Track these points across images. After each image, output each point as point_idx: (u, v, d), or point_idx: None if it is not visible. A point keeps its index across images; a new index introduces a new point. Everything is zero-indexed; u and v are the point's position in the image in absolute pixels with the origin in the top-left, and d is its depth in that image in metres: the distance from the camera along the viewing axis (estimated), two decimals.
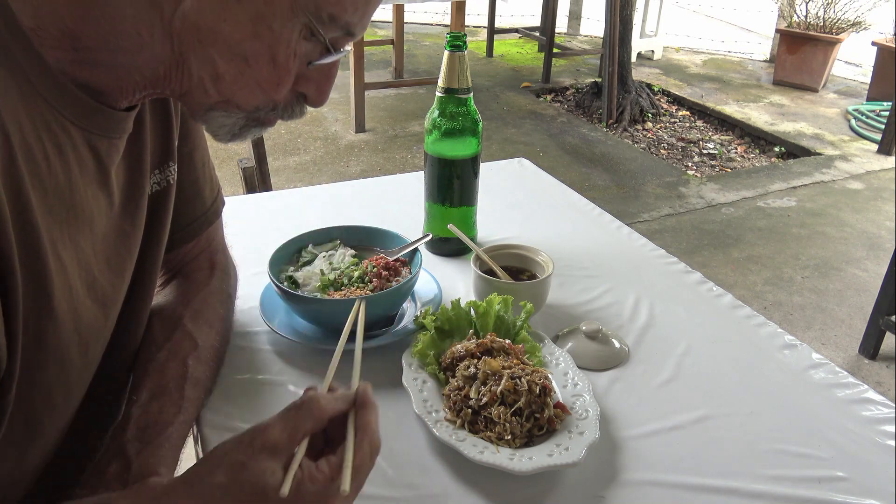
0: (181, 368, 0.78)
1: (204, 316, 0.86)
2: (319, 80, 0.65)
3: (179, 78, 0.60)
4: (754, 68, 6.26)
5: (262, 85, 0.62)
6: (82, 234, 0.62)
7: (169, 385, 0.75)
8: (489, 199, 1.30)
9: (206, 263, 0.93)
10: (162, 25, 0.56)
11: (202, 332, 0.84)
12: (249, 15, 0.57)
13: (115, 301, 0.71)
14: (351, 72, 4.19)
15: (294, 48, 0.60)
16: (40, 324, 0.57)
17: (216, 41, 0.58)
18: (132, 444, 0.67)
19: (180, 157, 0.83)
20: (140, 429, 0.69)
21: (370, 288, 0.94)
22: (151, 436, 0.69)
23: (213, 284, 0.91)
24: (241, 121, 0.65)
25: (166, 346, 0.80)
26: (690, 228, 3.42)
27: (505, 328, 0.92)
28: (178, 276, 0.91)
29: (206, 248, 0.94)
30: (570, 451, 0.74)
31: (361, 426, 0.58)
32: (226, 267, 0.96)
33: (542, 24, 6.27)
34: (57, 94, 0.57)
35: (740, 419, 0.85)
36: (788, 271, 3.07)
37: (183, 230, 0.88)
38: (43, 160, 0.55)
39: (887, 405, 0.87)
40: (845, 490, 0.75)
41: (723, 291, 1.11)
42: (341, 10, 0.60)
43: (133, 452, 0.66)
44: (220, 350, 0.87)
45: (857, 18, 5.42)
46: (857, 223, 3.52)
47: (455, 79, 1.06)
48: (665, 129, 4.79)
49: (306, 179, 3.78)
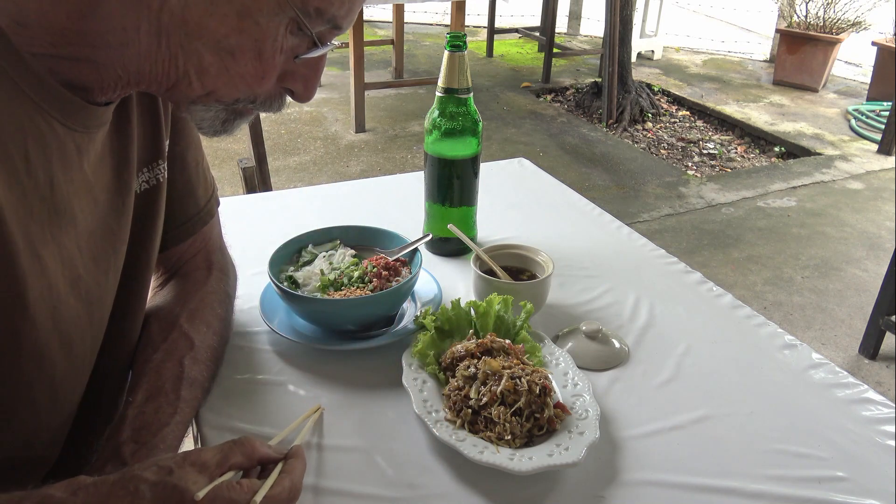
0: (177, 369, 0.78)
1: (201, 316, 0.86)
2: (306, 74, 0.66)
3: (165, 73, 0.60)
4: (754, 68, 6.26)
5: (247, 78, 0.62)
6: (66, 232, 0.62)
7: (165, 386, 0.75)
8: (489, 199, 1.30)
9: (203, 263, 0.93)
10: (149, 20, 0.56)
11: (199, 331, 0.84)
12: (236, 9, 0.57)
13: (101, 298, 0.70)
14: (351, 72, 4.19)
15: (280, 42, 0.60)
16: (14, 324, 0.57)
17: (202, 35, 0.58)
18: (128, 446, 0.67)
19: (172, 156, 0.83)
20: (135, 430, 0.69)
21: (370, 288, 0.94)
22: (147, 437, 0.69)
23: (211, 284, 0.91)
24: (222, 114, 0.66)
25: (162, 346, 0.80)
26: (690, 228, 3.42)
27: (505, 328, 0.92)
28: (176, 277, 0.91)
29: (203, 248, 0.93)
30: (570, 451, 0.74)
31: (288, 469, 0.65)
32: (223, 267, 0.96)
33: (542, 24, 6.27)
34: (41, 92, 0.57)
35: (740, 419, 0.85)
36: (788, 271, 3.07)
37: (177, 229, 0.88)
38: (22, 161, 0.55)
39: (887, 405, 0.87)
40: (845, 490, 0.75)
41: (723, 291, 1.11)
42: (328, 4, 0.60)
43: (128, 453, 0.66)
44: (218, 350, 0.87)
45: (857, 18, 5.42)
46: (857, 223, 3.52)
47: (455, 79, 1.06)
48: (665, 129, 4.79)
49: (306, 179, 3.78)
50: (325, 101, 4.86)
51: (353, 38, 4.01)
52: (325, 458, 0.77)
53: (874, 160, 4.31)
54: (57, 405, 0.67)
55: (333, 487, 0.73)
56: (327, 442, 0.79)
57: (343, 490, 0.73)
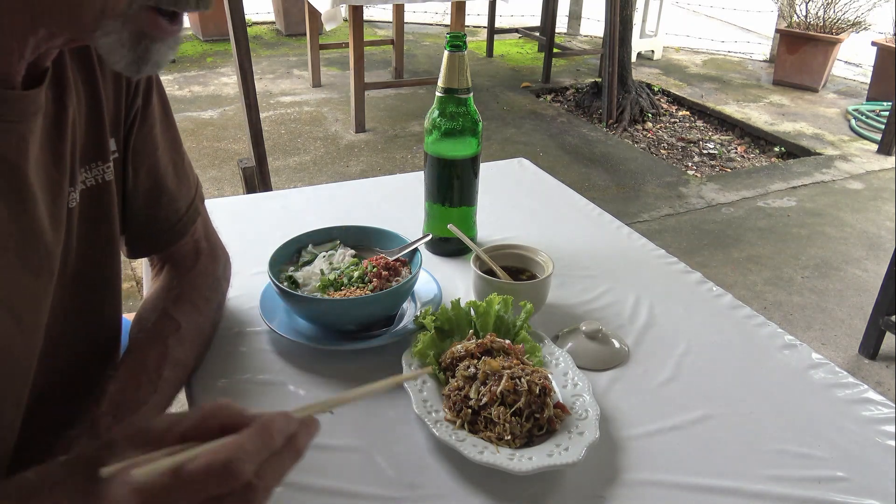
0: (161, 348, 0.79)
1: (187, 298, 0.87)
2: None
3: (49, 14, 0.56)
4: (754, 68, 6.26)
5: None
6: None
7: (147, 364, 0.76)
8: (489, 199, 1.30)
9: (190, 251, 0.93)
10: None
11: (184, 313, 0.85)
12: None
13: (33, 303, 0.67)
14: (351, 72, 4.18)
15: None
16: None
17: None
18: (104, 419, 0.68)
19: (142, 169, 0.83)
20: (114, 405, 0.70)
21: (370, 288, 0.94)
22: (124, 413, 0.70)
23: (199, 268, 0.92)
24: (126, 38, 0.59)
25: (147, 328, 0.81)
26: (690, 228, 3.42)
27: (505, 328, 0.92)
28: (166, 265, 0.92)
29: (191, 238, 0.94)
30: (570, 451, 0.74)
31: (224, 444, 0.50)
32: (212, 251, 0.96)
33: (542, 24, 6.27)
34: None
35: (740, 419, 0.85)
36: (788, 271, 3.07)
37: (168, 232, 0.89)
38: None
39: (887, 405, 0.87)
40: (845, 490, 0.75)
41: (723, 291, 1.11)
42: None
43: (104, 427, 0.67)
44: (205, 331, 0.88)
45: (857, 18, 5.42)
46: (857, 223, 3.52)
47: (455, 79, 1.06)
48: (665, 129, 4.79)
49: (306, 179, 3.77)
50: (325, 101, 4.87)
51: (353, 38, 4.01)
52: (325, 458, 0.77)
53: (874, 160, 4.31)
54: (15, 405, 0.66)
55: (333, 487, 0.73)
56: (327, 442, 0.79)
57: (343, 490, 0.73)
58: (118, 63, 0.61)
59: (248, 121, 2.57)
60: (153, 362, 0.77)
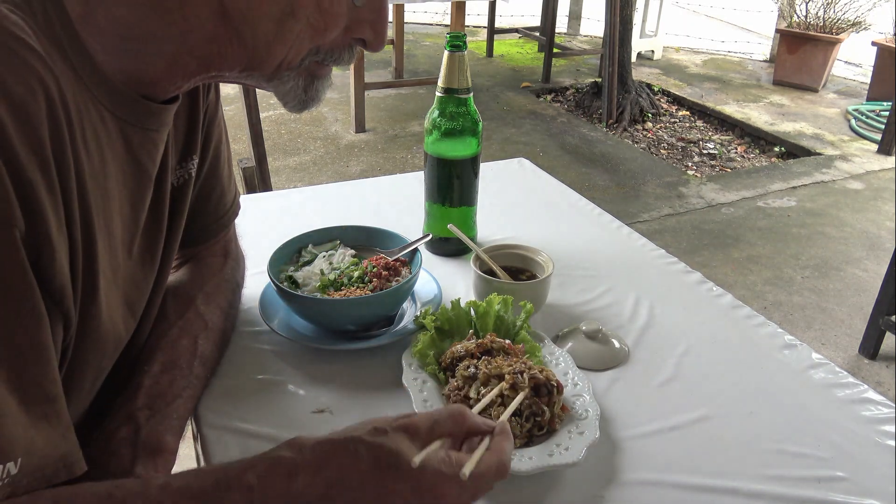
0: (192, 346, 0.82)
1: (215, 300, 0.90)
2: (372, 20, 0.66)
3: (234, 52, 0.61)
4: (754, 68, 6.26)
5: (311, 34, 0.63)
6: (114, 222, 0.63)
7: (180, 360, 0.79)
8: (489, 199, 1.30)
9: (220, 251, 0.96)
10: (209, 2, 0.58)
11: (212, 314, 0.88)
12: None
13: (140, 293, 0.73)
14: (351, 72, 4.19)
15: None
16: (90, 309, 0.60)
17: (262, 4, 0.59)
18: (143, 412, 0.71)
19: (207, 157, 0.85)
20: (150, 397, 0.73)
21: (370, 288, 0.94)
22: (161, 405, 0.73)
23: (226, 272, 0.94)
24: (300, 80, 0.67)
25: (178, 323, 0.83)
26: (690, 228, 3.42)
27: (505, 328, 0.92)
28: (193, 260, 0.94)
29: (223, 237, 0.96)
30: (570, 451, 0.74)
31: (495, 447, 0.63)
32: (237, 256, 0.99)
33: (542, 24, 6.27)
34: (96, 80, 0.58)
35: (740, 419, 0.85)
36: (788, 271, 3.07)
37: (215, 224, 0.92)
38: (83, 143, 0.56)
39: (887, 405, 0.87)
40: (845, 490, 0.75)
41: (723, 291, 1.11)
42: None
43: (143, 419, 0.70)
44: (226, 333, 0.92)
45: (857, 18, 5.42)
46: (857, 223, 3.52)
47: (455, 79, 1.06)
48: (665, 129, 4.79)
49: (306, 179, 3.78)
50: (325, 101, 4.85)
51: None
52: None
53: (874, 160, 4.31)
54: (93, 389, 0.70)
55: None
56: None
57: None
58: (290, 103, 0.69)
59: (248, 121, 2.58)
60: (185, 359, 0.80)
